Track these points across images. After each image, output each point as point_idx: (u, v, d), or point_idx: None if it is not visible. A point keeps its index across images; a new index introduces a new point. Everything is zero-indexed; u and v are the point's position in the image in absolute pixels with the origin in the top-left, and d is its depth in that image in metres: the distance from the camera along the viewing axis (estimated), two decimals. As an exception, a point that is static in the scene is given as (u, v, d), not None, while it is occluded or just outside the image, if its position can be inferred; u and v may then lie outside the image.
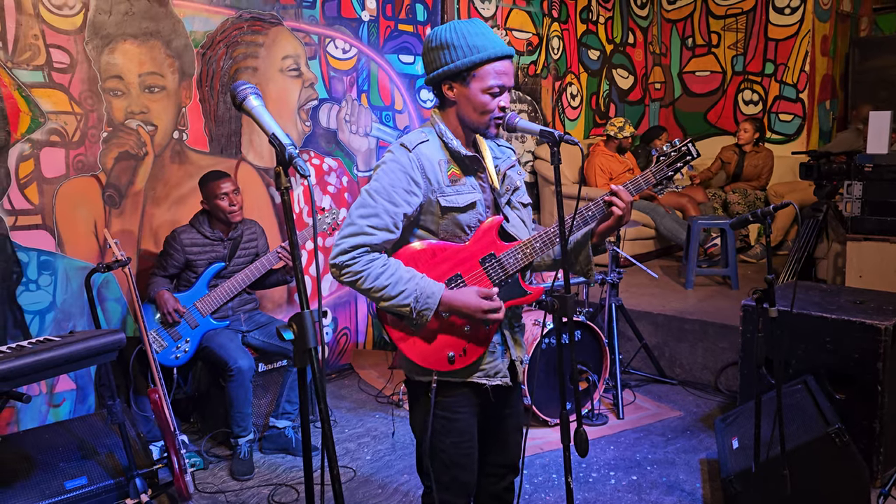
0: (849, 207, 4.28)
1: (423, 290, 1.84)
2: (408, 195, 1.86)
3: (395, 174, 1.86)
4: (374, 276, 1.82)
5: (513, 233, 2.00)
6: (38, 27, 3.35)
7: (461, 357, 1.94)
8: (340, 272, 1.83)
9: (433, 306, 1.84)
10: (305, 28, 4.38)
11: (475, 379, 1.98)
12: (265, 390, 3.75)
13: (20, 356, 2.30)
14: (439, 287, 1.87)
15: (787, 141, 7.11)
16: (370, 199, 1.85)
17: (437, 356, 1.93)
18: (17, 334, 3.37)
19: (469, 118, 1.91)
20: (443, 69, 1.87)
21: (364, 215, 1.84)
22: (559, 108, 6.56)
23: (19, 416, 3.42)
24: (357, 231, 1.83)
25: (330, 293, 4.70)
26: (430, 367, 1.93)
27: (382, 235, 1.84)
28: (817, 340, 3.13)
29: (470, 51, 1.83)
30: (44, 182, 3.42)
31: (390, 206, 1.84)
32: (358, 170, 4.75)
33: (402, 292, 1.83)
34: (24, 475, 2.92)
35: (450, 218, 1.92)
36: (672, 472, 3.30)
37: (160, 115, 3.81)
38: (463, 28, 1.86)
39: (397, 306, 1.84)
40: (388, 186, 1.85)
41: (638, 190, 1.94)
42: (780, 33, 7.11)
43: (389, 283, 1.82)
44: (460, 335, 1.93)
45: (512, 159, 2.08)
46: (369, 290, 1.83)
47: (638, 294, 5.04)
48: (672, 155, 1.96)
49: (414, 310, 1.84)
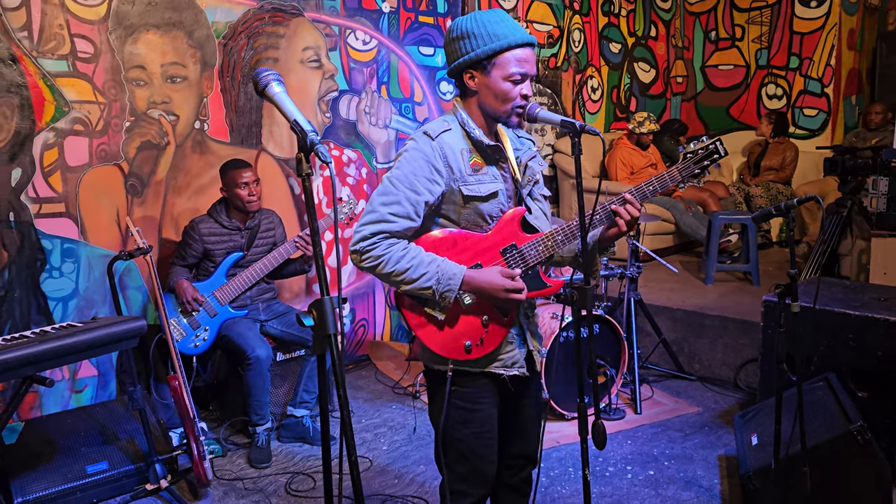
0: (874, 203, 4.21)
1: (444, 272, 1.84)
2: (430, 183, 1.86)
3: (418, 162, 1.85)
4: (396, 260, 1.82)
5: (535, 224, 2.00)
6: (62, 17, 3.38)
7: (478, 347, 1.93)
8: (361, 257, 1.83)
9: (455, 287, 1.84)
10: (326, 19, 4.39)
11: (493, 369, 1.98)
12: (283, 379, 3.77)
13: (44, 341, 2.33)
14: (461, 268, 1.86)
15: (811, 136, 7.01)
16: (392, 187, 1.84)
17: (454, 345, 1.93)
18: (41, 320, 3.42)
19: (491, 107, 1.90)
20: (464, 58, 1.87)
21: (386, 202, 1.84)
22: (579, 102, 6.52)
23: (42, 401, 3.47)
24: (378, 218, 1.83)
25: (348, 284, 4.71)
26: (448, 355, 1.93)
27: (403, 223, 1.84)
28: (840, 337, 3.09)
29: (490, 39, 1.83)
30: (67, 170, 3.46)
31: (412, 194, 1.84)
32: (377, 161, 4.75)
33: (424, 274, 1.82)
34: (46, 459, 2.96)
35: (471, 207, 1.91)
36: (690, 467, 3.28)
37: (182, 105, 3.83)
38: (483, 17, 1.86)
39: (419, 289, 1.83)
40: (410, 174, 1.84)
41: (664, 187, 1.91)
42: (805, 26, 7.00)
43: (411, 266, 1.82)
44: (478, 324, 1.93)
45: (533, 150, 2.07)
46: (390, 273, 1.82)
47: (657, 289, 5.00)
48: (699, 153, 1.92)
49: (436, 292, 1.83)
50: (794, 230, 6.06)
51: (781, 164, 6.52)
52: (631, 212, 1.87)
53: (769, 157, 6.55)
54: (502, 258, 1.94)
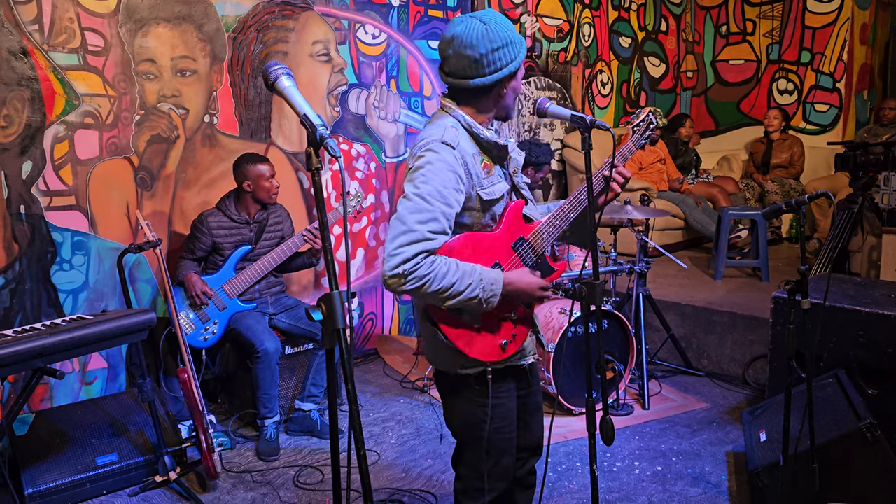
0: (885, 199, 4.17)
1: (486, 279, 1.82)
2: (458, 194, 1.83)
3: (445, 174, 1.80)
4: (441, 276, 1.76)
5: (529, 213, 2.04)
6: (73, 10, 3.39)
7: (512, 343, 1.97)
8: (405, 280, 1.73)
9: (499, 292, 1.83)
10: (335, 13, 4.38)
11: (514, 361, 2.02)
12: (291, 373, 3.79)
13: (54, 333, 2.35)
14: (499, 272, 1.87)
15: (822, 131, 6.96)
16: (426, 203, 1.77)
17: (492, 347, 1.94)
18: (51, 312, 3.44)
19: (509, 106, 1.94)
20: (511, 64, 1.86)
21: (422, 220, 1.76)
22: (589, 96, 6.49)
23: (53, 393, 3.49)
24: (419, 237, 1.75)
25: (356, 278, 4.72)
26: (487, 358, 1.92)
27: (441, 239, 1.80)
28: (850, 334, 3.07)
29: (520, 42, 1.87)
30: (78, 164, 3.47)
31: (447, 209, 1.80)
32: (386, 156, 4.75)
33: (470, 285, 1.79)
34: (57, 450, 2.99)
35: (488, 211, 1.93)
36: (697, 463, 3.27)
37: (192, 99, 3.84)
38: (505, 20, 1.86)
39: (466, 300, 1.80)
40: (441, 188, 1.79)
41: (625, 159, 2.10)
42: (817, 21, 6.94)
43: (457, 280, 1.78)
44: (509, 322, 1.96)
45: (511, 142, 2.04)
46: (437, 291, 1.76)
47: (666, 284, 4.98)
48: (641, 125, 2.17)
49: (483, 300, 1.81)
50: (805, 226, 6.03)
51: (790, 161, 6.48)
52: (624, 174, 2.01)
53: (776, 153, 6.51)
54: (515, 253, 1.97)
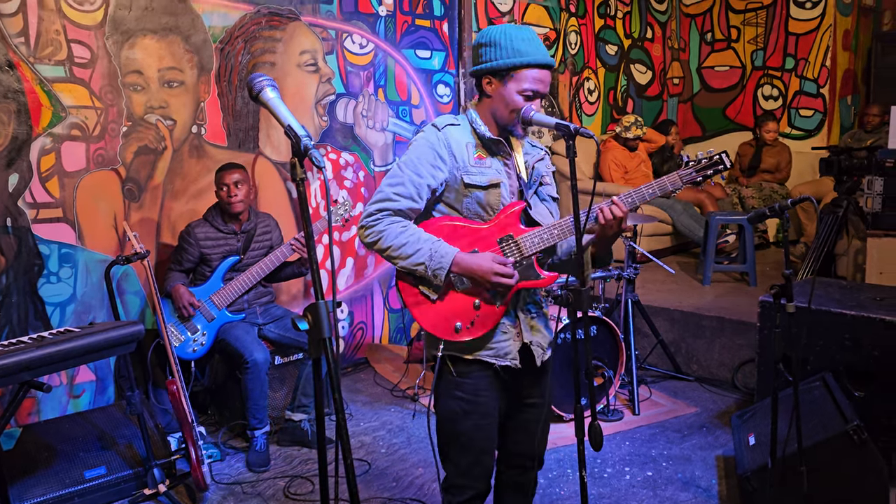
0: (869, 203, 4.22)
1: (437, 251, 1.94)
2: (433, 168, 2.00)
3: (423, 149, 2.01)
4: (394, 235, 1.95)
5: (538, 220, 2.07)
6: (59, 22, 3.38)
7: (468, 329, 2.00)
8: (365, 232, 1.98)
9: (446, 265, 1.93)
10: (323, 23, 4.40)
11: (484, 357, 2.03)
12: (281, 383, 3.77)
13: (41, 346, 2.33)
14: (453, 249, 1.97)
15: (807, 136, 7.03)
16: (398, 170, 2.01)
17: (445, 324, 2.01)
18: (39, 325, 3.42)
19: (500, 114, 2.02)
20: (486, 65, 2.00)
21: (391, 184, 2.00)
22: (576, 104, 6.53)
23: (40, 407, 3.47)
24: (383, 197, 1.98)
25: (346, 287, 4.72)
26: (438, 334, 2.02)
27: (405, 203, 1.98)
28: (836, 337, 3.10)
29: (513, 53, 1.96)
30: (65, 176, 3.46)
31: (415, 177, 1.98)
32: (374, 164, 4.76)
33: (419, 251, 1.94)
34: (44, 464, 2.96)
35: (472, 196, 2.02)
36: (688, 468, 3.28)
37: (179, 110, 3.84)
38: (512, 31, 1.99)
39: (412, 265, 1.95)
40: (415, 159, 2.00)
41: (663, 191, 1.99)
42: (800, 28, 7.03)
43: (407, 242, 1.94)
44: (469, 307, 2.00)
45: (541, 154, 2.17)
46: (388, 248, 1.95)
47: (654, 290, 5.01)
48: (703, 162, 1.99)
49: (428, 268, 1.94)
50: (791, 230, 6.08)
51: (777, 167, 6.54)
52: (615, 212, 1.94)
53: (765, 159, 6.56)
54: (498, 246, 2.02)
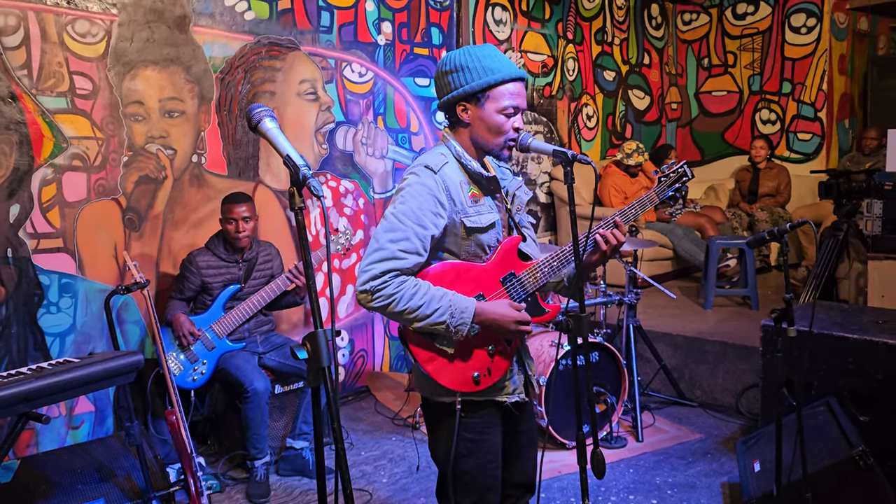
0: (869, 226, 4.22)
1: (456, 306, 1.83)
2: (435, 217, 1.86)
3: (423, 197, 1.85)
4: (408, 297, 1.79)
5: (528, 251, 2.04)
6: (62, 55, 3.42)
7: (486, 377, 1.94)
8: (372, 297, 1.78)
9: (468, 320, 1.83)
10: (322, 52, 4.44)
11: (497, 397, 1.99)
12: (282, 412, 3.75)
13: (40, 377, 2.31)
14: (471, 301, 1.86)
15: (806, 160, 7.06)
16: (399, 223, 1.82)
17: (463, 377, 1.92)
18: (38, 356, 3.40)
19: (483, 140, 1.93)
20: (458, 91, 1.90)
21: (394, 239, 1.81)
22: (575, 130, 6.57)
23: (39, 438, 3.44)
24: (388, 255, 1.80)
25: (347, 315, 4.71)
26: (458, 388, 1.92)
27: (413, 259, 1.82)
28: (839, 361, 3.08)
29: (484, 72, 1.87)
30: (65, 206, 3.47)
31: (420, 230, 1.83)
32: (374, 192, 4.78)
33: (437, 310, 1.80)
34: (42, 497, 2.93)
35: (473, 239, 1.93)
36: (693, 496, 3.24)
37: (179, 140, 3.87)
38: (475, 52, 1.91)
39: (433, 324, 1.81)
40: (416, 209, 1.83)
41: (644, 209, 2.06)
42: (796, 52, 7.10)
43: (423, 303, 1.80)
44: (485, 355, 1.94)
45: (518, 180, 2.11)
46: (402, 311, 1.79)
47: (656, 315, 4.99)
48: (671, 176, 2.12)
49: (450, 326, 1.82)
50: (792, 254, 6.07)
51: (777, 189, 6.55)
52: (618, 237, 1.94)
53: (763, 182, 6.59)
54: (503, 287, 1.96)
